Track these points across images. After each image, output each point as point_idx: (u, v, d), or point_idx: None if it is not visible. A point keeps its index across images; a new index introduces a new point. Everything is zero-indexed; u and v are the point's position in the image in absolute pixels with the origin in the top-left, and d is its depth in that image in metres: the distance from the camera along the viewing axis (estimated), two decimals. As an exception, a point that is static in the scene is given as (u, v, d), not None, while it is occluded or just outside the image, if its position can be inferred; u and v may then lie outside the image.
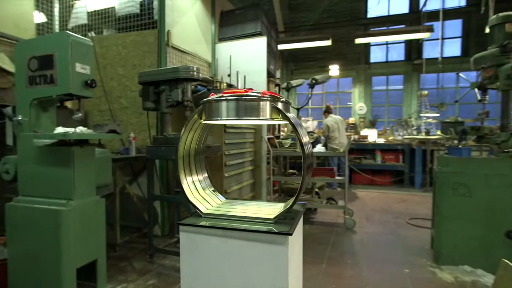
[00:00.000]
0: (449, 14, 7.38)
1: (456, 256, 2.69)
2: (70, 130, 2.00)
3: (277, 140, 4.83)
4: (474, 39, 7.62)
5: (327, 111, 6.97)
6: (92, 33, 3.94)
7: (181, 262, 1.01)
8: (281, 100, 0.98)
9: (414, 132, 7.41)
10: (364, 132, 8.14)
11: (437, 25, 7.11)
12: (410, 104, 8.34)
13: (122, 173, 3.22)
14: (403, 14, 8.30)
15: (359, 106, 8.70)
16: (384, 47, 8.58)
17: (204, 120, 1.06)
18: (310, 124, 8.51)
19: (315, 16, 8.89)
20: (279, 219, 1.02)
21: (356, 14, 8.59)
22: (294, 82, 6.82)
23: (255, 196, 4.33)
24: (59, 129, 2.03)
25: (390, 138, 7.72)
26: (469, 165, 2.68)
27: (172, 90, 2.83)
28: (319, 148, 4.12)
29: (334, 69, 8.56)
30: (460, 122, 7.26)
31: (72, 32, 2.19)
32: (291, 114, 1.06)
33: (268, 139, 4.33)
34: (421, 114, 6.76)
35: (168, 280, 2.46)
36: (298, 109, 6.46)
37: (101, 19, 3.91)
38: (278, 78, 6.89)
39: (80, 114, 2.13)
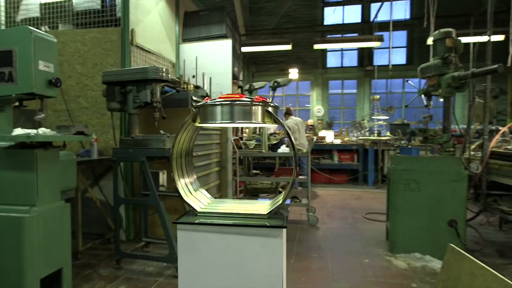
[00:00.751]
0: (396, 25, 8.06)
1: (408, 245, 2.99)
2: (32, 131, 1.88)
3: (242, 141, 4.92)
4: (417, 49, 8.42)
5: (288, 113, 7.22)
6: (46, 28, 3.68)
7: (178, 260, 1.04)
8: (272, 105, 1.06)
9: (367, 133, 7.96)
10: (322, 133, 8.55)
11: (386, 35, 7.74)
12: (363, 107, 8.95)
13: (83, 176, 3.06)
14: (356, 23, 8.89)
15: (317, 108, 9.12)
16: (339, 53, 9.11)
17: (199, 123, 1.10)
18: (271, 125, 8.75)
19: (275, 21, 9.15)
20: (270, 215, 1.10)
21: (314, 21, 9.01)
22: (256, 85, 6.95)
23: (222, 197, 4.36)
24: (18, 131, 1.90)
25: (346, 139, 8.20)
26: (418, 163, 3.00)
27: (140, 91, 2.76)
28: (284, 148, 4.28)
29: (293, 73, 8.88)
30: (406, 124, 7.97)
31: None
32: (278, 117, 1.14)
33: (233, 140, 4.39)
34: (373, 117, 7.29)
35: (139, 285, 2.41)
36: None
37: (56, 12, 3.67)
38: (241, 80, 6.97)
39: (43, 115, 2.02)
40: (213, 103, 1.03)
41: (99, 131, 3.42)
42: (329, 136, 8.33)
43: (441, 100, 3.30)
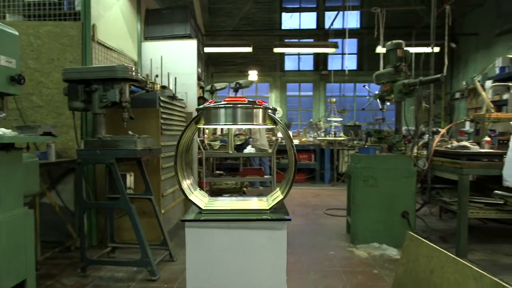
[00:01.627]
0: (348, 33, 8.64)
1: (367, 236, 3.27)
2: (-7, 132, 1.73)
3: (207, 142, 4.91)
4: (367, 56, 9.09)
5: (249, 114, 7.35)
6: (-10, 17, 3.33)
7: (186, 256, 1.06)
8: (271, 107, 1.14)
9: (322, 134, 8.40)
10: (280, 134, 8.83)
11: (338, 41, 8.27)
12: (318, 109, 9.42)
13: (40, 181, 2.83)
14: (311, 29, 9.33)
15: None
16: (296, 57, 9.48)
17: (203, 125, 1.14)
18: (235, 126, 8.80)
19: (234, 22, 9.22)
20: (272, 210, 1.17)
21: (273, 24, 9.26)
22: (218, 85, 6.95)
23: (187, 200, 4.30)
24: (-24, 131, 1.73)
25: (303, 139, 8.57)
26: (375, 161, 3.30)
27: (107, 90, 2.65)
28: (250, 149, 4.38)
29: (253, 75, 9.04)
30: (358, 125, 8.60)
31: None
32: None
33: (199, 141, 4.37)
34: (328, 118, 7.73)
35: (109, 292, 2.32)
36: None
37: (3, 1, 3.34)
38: (203, 81, 6.93)
39: (3, 114, 1.86)
40: (218, 105, 1.08)
41: (56, 132, 3.18)
42: (287, 137, 8.64)
43: (388, 104, 3.68)
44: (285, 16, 9.42)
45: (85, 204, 2.63)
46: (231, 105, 1.06)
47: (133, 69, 2.68)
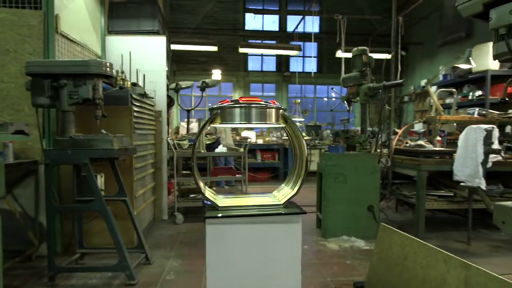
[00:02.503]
0: (308, 37, 8.99)
1: (338, 230, 3.47)
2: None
3: (176, 141, 4.80)
4: (326, 59, 9.54)
5: (214, 114, 7.31)
6: None
7: (207, 252, 1.06)
8: (283, 107, 1.20)
9: (285, 134, 8.66)
10: (244, 133, 8.89)
11: (300, 44, 8.58)
12: (281, 110, 9.67)
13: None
14: (274, 31, 9.54)
15: (240, 109, 9.45)
16: (259, 58, 9.62)
17: (219, 123, 1.15)
18: (195, 125, 8.64)
19: (198, 20, 9.09)
20: (285, 204, 1.23)
21: (236, 24, 9.29)
22: (183, 84, 6.83)
23: (156, 200, 4.18)
24: None
25: (267, 139, 8.74)
26: (344, 159, 3.51)
27: (78, 86, 2.49)
28: (221, 148, 4.37)
29: (216, 74, 8.99)
30: (318, 125, 9.00)
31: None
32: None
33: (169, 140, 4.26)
34: (296, 119, 7.99)
35: (86, 300, 2.19)
36: (188, 111, 6.54)
37: None
38: (168, 79, 6.75)
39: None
40: (234, 105, 1.11)
41: (14, 130, 2.90)
42: (251, 137, 8.73)
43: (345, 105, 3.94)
44: (248, 16, 9.51)
45: (56, 208, 2.44)
46: (245, 105, 1.10)
47: (107, 64, 2.56)
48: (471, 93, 5.63)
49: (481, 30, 6.36)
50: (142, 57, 4.22)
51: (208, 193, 1.29)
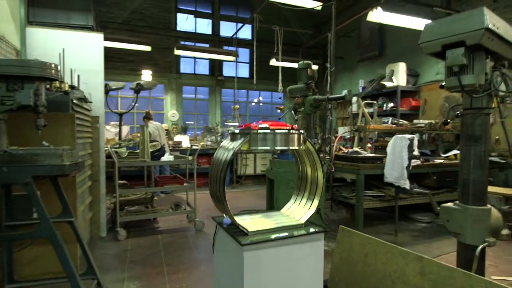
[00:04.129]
0: (241, 43, 9.20)
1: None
2: None
3: (112, 148, 4.40)
4: (258, 66, 9.85)
5: (147, 117, 6.88)
6: None
7: (245, 279, 1.02)
8: (302, 132, 1.27)
9: (219, 138, 8.64)
10: (177, 138, 8.57)
11: (234, 50, 8.69)
12: (215, 114, 9.62)
13: None
14: (207, 34, 9.45)
15: (172, 113, 9.06)
16: (192, 61, 9.41)
17: (249, 148, 1.14)
18: (124, 129, 7.96)
19: (124, 15, 8.42)
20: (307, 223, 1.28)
21: (167, 24, 8.90)
22: (113, 85, 6.28)
23: (94, 216, 3.75)
24: None
25: (202, 143, 8.60)
26: (294, 165, 3.73)
27: (13, 90, 2.10)
28: (168, 157, 4.16)
29: (146, 74, 8.46)
30: (252, 130, 9.26)
31: None
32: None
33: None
34: (231, 123, 8.06)
35: None
36: (121, 114, 6.05)
37: None
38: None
39: None
40: (258, 132, 1.14)
41: None
42: (185, 141, 8.46)
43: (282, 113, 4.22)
44: (180, 17, 9.21)
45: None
46: (269, 131, 1.14)
47: (52, 66, 2.22)
48: (385, 104, 6.57)
49: (390, 51, 7.49)
50: (75, 55, 3.74)
51: (237, 220, 1.26)
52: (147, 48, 6.96)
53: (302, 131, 1.34)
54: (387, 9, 4.82)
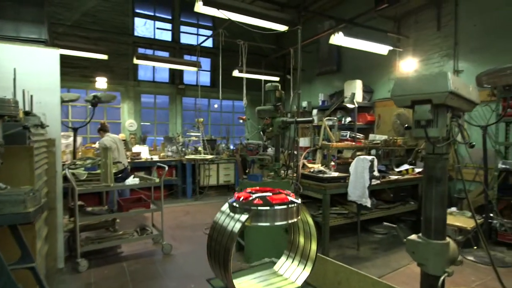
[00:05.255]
0: (203, 51, 9.06)
1: (260, 253, 3.69)
2: None
3: (70, 170, 4.10)
4: (219, 75, 9.81)
5: (103, 129, 6.47)
6: None
7: None
8: (299, 202, 1.33)
9: (180, 148, 8.41)
10: (135, 148, 8.20)
11: (195, 59, 8.56)
12: (175, 123, 9.36)
13: None
14: (167, 41, 9.16)
15: (129, 122, 8.63)
16: (151, 68, 9.05)
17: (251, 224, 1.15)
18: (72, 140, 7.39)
19: (75, 17, 7.83)
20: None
21: (124, 29, 8.46)
22: (65, 96, 5.88)
23: (50, 247, 3.44)
24: None
25: (162, 154, 8.32)
26: (263, 186, 3.80)
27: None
28: (133, 180, 3.97)
29: (101, 82, 7.97)
30: (214, 139, 9.18)
31: None
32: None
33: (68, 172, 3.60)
34: (193, 133, 7.91)
35: None
36: (75, 129, 5.68)
37: None
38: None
39: None
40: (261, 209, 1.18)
41: None
42: (144, 152, 8.12)
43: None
44: (138, 22, 8.81)
45: None
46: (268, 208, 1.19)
47: (11, 101, 2.02)
48: (343, 118, 6.96)
49: (347, 67, 7.94)
50: (26, 71, 3.41)
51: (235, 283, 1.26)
52: (104, 57, 6.56)
53: (299, 201, 1.41)
54: (346, 33, 5.12)
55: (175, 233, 4.94)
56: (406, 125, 2.06)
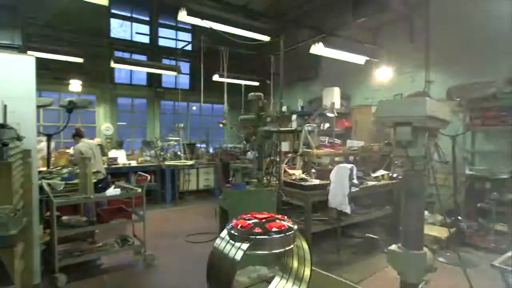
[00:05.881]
0: (182, 54, 8.97)
1: (244, 262, 3.77)
2: None
3: (45, 181, 3.96)
4: (198, 78, 9.74)
5: (78, 135, 6.24)
6: None
7: None
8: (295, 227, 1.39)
9: (159, 152, 8.26)
10: (112, 153, 7.96)
11: (175, 63, 8.46)
12: (153, 127, 9.19)
13: None
14: (144, 43, 8.98)
15: (105, 126, 8.37)
16: (128, 70, 8.82)
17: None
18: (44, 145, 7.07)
19: (47, 17, 7.49)
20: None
21: (99, 30, 8.19)
22: (39, 101, 5.65)
23: (28, 267, 3.29)
24: None
25: (140, 159, 8.14)
26: (247, 196, 3.85)
27: None
28: (114, 191, 3.88)
29: (75, 84, 7.67)
30: (193, 143, 9.11)
31: None
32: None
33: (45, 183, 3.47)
34: (172, 137, 7.81)
35: None
36: (50, 136, 5.48)
37: None
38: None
39: None
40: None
41: None
42: (121, 157, 7.90)
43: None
44: (114, 23, 8.57)
45: None
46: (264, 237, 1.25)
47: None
48: (322, 124, 7.15)
49: (325, 74, 8.17)
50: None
51: None
52: (79, 60, 6.33)
53: (296, 228, 1.48)
54: (325, 42, 5.27)
55: (158, 242, 4.86)
56: (386, 141, 2.18)
